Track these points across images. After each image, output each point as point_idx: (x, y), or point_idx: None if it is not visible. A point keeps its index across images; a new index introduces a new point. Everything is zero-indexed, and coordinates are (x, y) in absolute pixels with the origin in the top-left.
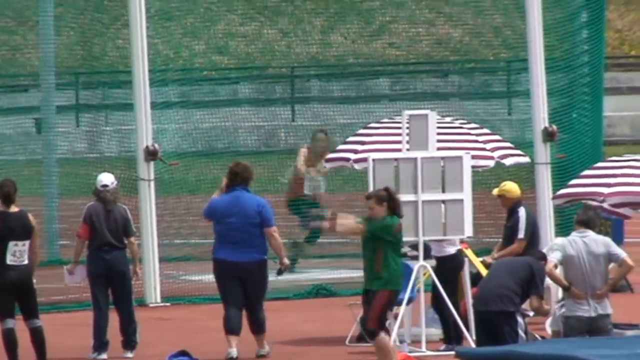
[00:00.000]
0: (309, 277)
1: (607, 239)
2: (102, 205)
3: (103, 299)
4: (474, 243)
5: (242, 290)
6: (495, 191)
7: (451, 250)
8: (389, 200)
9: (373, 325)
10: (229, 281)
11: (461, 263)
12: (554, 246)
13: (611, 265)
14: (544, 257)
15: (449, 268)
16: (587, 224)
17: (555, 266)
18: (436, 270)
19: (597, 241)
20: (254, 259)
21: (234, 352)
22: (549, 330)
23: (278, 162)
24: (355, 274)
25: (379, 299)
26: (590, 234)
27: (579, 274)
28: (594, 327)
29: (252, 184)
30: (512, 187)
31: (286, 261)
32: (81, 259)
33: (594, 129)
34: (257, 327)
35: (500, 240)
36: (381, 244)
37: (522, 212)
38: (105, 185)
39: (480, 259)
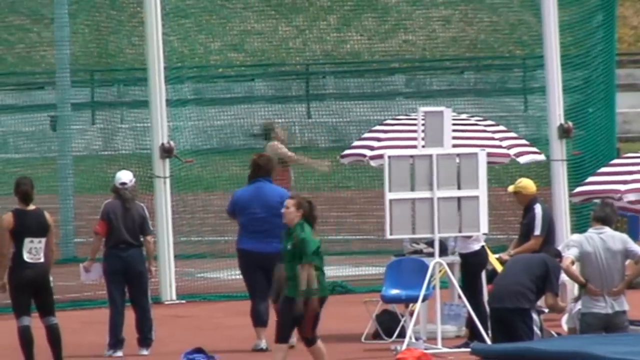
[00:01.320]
0: (325, 274)
1: (625, 236)
2: (120, 203)
3: (119, 296)
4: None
5: (268, 281)
6: (510, 188)
7: (476, 246)
8: (309, 211)
9: (311, 334)
10: (253, 272)
11: (485, 259)
12: (571, 243)
13: (627, 261)
14: (559, 255)
15: (473, 264)
16: (604, 221)
17: (572, 263)
18: (462, 266)
19: (615, 238)
20: (277, 249)
21: (263, 343)
22: (565, 327)
23: None
24: (371, 271)
25: (312, 307)
26: (608, 230)
27: (596, 270)
28: (611, 324)
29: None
30: (528, 184)
31: None
32: (98, 256)
33: (607, 125)
34: (264, 320)
35: (516, 237)
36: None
37: (538, 208)
38: (124, 183)
39: (497, 255)
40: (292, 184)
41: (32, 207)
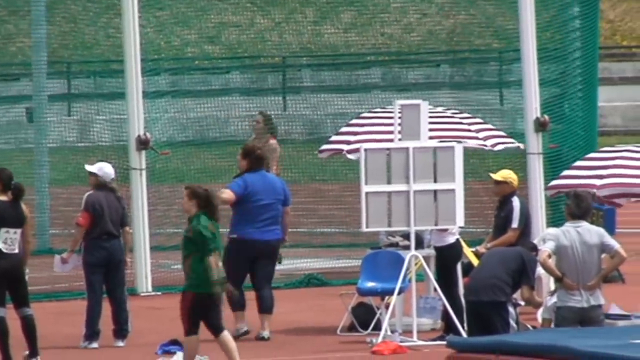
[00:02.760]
0: (301, 266)
1: (601, 230)
2: (103, 194)
3: (100, 288)
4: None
5: (273, 268)
6: (497, 176)
7: (451, 239)
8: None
9: (185, 327)
10: (244, 261)
11: (460, 252)
12: (548, 236)
13: (603, 255)
14: (535, 248)
15: (448, 257)
16: (580, 216)
17: (549, 256)
18: (436, 260)
19: (591, 231)
20: (279, 236)
21: (245, 327)
22: (539, 319)
23: None
24: (347, 263)
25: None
26: (584, 224)
27: (572, 264)
28: (586, 318)
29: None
30: (514, 176)
31: (286, 238)
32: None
33: (588, 119)
34: (269, 306)
35: (491, 230)
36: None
37: (516, 201)
38: (113, 179)
39: (473, 249)
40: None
41: (7, 197)
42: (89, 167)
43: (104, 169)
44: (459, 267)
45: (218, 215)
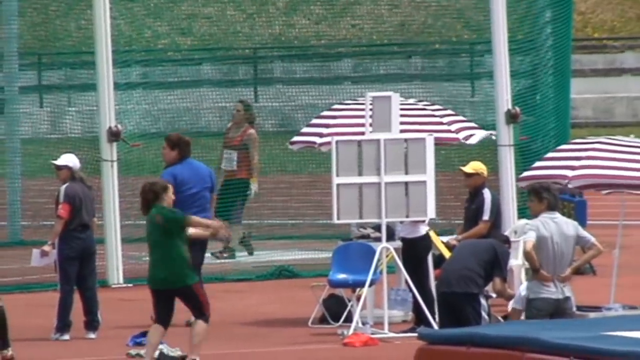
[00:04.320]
0: (272, 258)
1: (575, 222)
2: (80, 186)
3: (74, 279)
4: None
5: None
6: (467, 168)
7: (422, 231)
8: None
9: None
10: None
11: (430, 244)
12: (527, 227)
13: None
14: (507, 240)
15: (419, 249)
16: (554, 206)
17: (534, 246)
18: (406, 252)
19: (568, 223)
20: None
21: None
22: (509, 308)
23: None
24: (318, 255)
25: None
26: (559, 216)
27: (550, 255)
28: (559, 310)
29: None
30: (484, 167)
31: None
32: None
33: (561, 111)
34: None
35: (461, 222)
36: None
37: (487, 193)
38: (80, 168)
39: (444, 239)
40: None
41: None
42: (59, 162)
43: (74, 160)
44: (429, 258)
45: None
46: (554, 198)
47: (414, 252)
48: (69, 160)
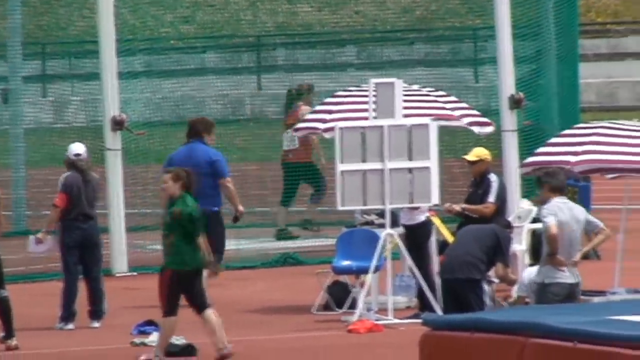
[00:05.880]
0: (277, 245)
1: (582, 208)
2: (80, 175)
3: (75, 269)
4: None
5: None
6: (470, 156)
7: (422, 217)
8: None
9: (163, 307)
10: None
11: (431, 230)
12: (545, 211)
13: None
14: (509, 225)
15: (420, 235)
16: (562, 190)
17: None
18: (406, 238)
19: (577, 208)
20: (206, 210)
21: None
22: (514, 295)
23: (244, 130)
24: (323, 242)
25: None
26: (568, 201)
27: (567, 240)
28: (573, 294)
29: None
30: (487, 153)
31: (241, 208)
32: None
33: (567, 96)
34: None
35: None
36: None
37: (493, 177)
38: (79, 154)
39: (447, 204)
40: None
41: None
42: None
43: (70, 146)
44: (431, 244)
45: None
46: (559, 181)
47: (414, 239)
48: (70, 148)
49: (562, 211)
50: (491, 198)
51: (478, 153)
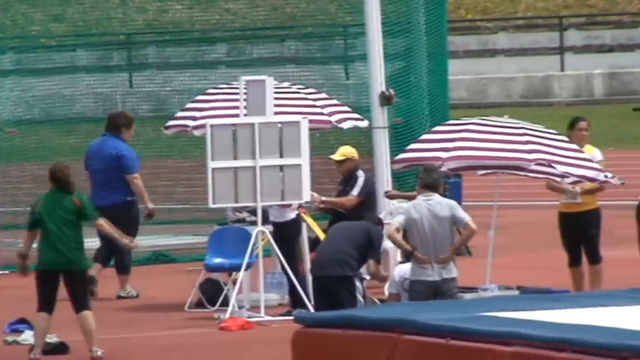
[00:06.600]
0: (148, 243)
1: (453, 202)
2: None
3: None
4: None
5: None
6: (337, 156)
7: (292, 215)
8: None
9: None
10: None
11: (301, 227)
12: (399, 210)
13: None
14: (381, 222)
15: (290, 232)
16: (432, 187)
17: (397, 230)
18: (276, 235)
19: (442, 204)
20: (115, 201)
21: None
22: (386, 293)
23: None
24: (194, 240)
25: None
26: (435, 197)
27: (423, 237)
28: (439, 291)
29: None
30: (353, 151)
31: (150, 205)
32: None
33: (437, 92)
34: (124, 268)
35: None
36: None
37: (361, 173)
38: None
39: (310, 192)
40: None
41: None
42: None
43: None
44: (302, 242)
45: (71, 187)
46: (430, 178)
47: (284, 236)
48: None
49: (417, 208)
50: (355, 191)
51: (344, 152)
